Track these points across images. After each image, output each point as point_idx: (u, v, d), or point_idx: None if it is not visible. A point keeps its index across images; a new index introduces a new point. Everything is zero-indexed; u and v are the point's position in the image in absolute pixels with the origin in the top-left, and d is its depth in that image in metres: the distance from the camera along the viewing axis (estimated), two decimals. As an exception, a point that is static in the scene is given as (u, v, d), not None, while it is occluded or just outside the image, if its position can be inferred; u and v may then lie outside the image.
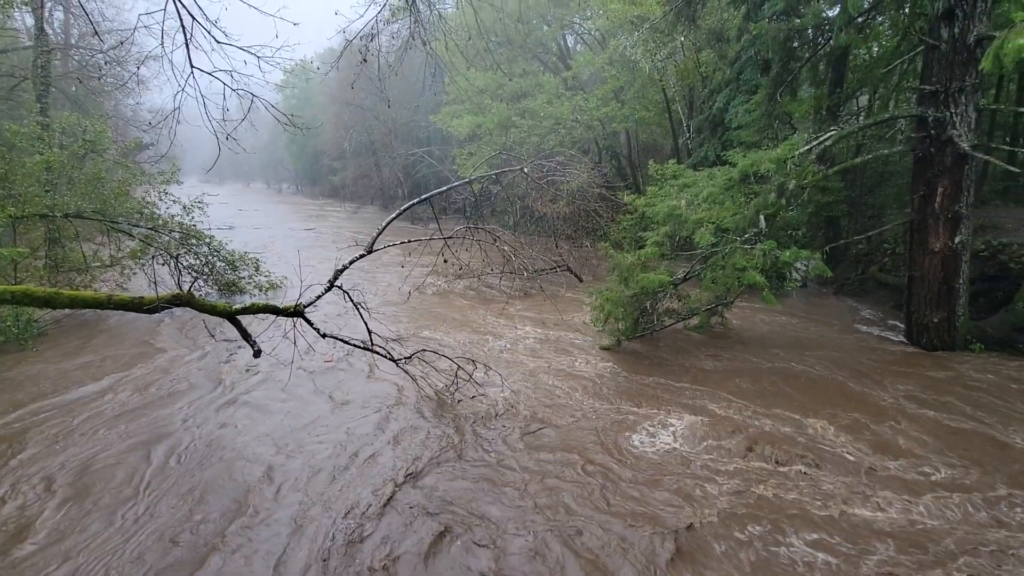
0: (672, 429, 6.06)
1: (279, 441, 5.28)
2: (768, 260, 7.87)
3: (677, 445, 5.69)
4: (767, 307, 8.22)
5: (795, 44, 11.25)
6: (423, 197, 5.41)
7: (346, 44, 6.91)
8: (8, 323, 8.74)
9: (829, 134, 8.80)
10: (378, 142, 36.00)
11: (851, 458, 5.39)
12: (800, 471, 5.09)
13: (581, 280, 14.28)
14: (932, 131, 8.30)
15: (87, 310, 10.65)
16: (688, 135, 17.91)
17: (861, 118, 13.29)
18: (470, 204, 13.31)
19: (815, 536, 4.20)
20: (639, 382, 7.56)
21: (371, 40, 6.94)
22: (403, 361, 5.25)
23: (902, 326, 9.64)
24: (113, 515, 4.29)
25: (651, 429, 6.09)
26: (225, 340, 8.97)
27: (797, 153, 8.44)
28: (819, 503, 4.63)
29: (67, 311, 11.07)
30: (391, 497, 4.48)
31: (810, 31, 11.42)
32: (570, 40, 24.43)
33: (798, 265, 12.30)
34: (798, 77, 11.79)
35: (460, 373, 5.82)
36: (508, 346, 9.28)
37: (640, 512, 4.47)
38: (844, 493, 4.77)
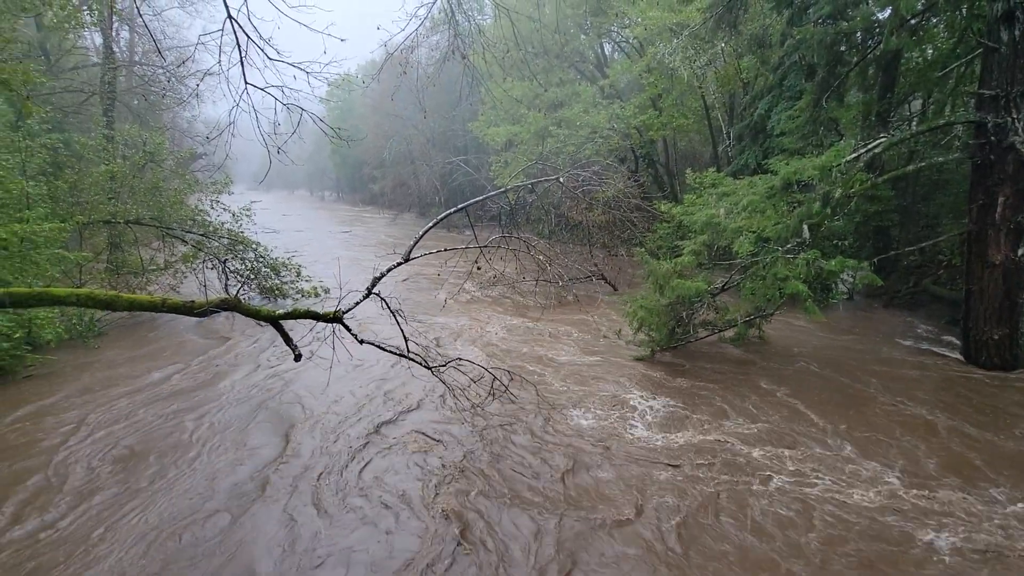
0: (705, 448, 5.91)
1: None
2: (812, 270, 7.61)
3: (711, 474, 5.55)
4: (810, 319, 7.93)
5: (842, 48, 10.89)
6: (459, 207, 5.50)
7: (387, 57, 7.14)
8: (74, 322, 9.35)
9: (879, 141, 8.47)
10: (416, 151, 36.76)
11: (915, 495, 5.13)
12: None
13: (616, 289, 14.15)
14: (992, 137, 7.87)
15: (143, 312, 11.28)
16: (728, 142, 17.54)
17: (914, 124, 12.70)
18: (505, 213, 13.43)
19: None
20: (673, 397, 7.42)
21: (411, 52, 7.15)
22: (438, 369, 5.33)
23: (958, 343, 9.12)
24: (170, 463, 5.55)
25: (679, 441, 5.96)
26: (256, 338, 9.37)
27: (844, 161, 8.16)
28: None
29: (125, 313, 11.75)
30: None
31: (859, 34, 11.04)
32: (607, 48, 24.38)
33: (844, 276, 11.85)
34: (845, 82, 11.40)
35: (495, 384, 5.86)
36: (542, 355, 9.27)
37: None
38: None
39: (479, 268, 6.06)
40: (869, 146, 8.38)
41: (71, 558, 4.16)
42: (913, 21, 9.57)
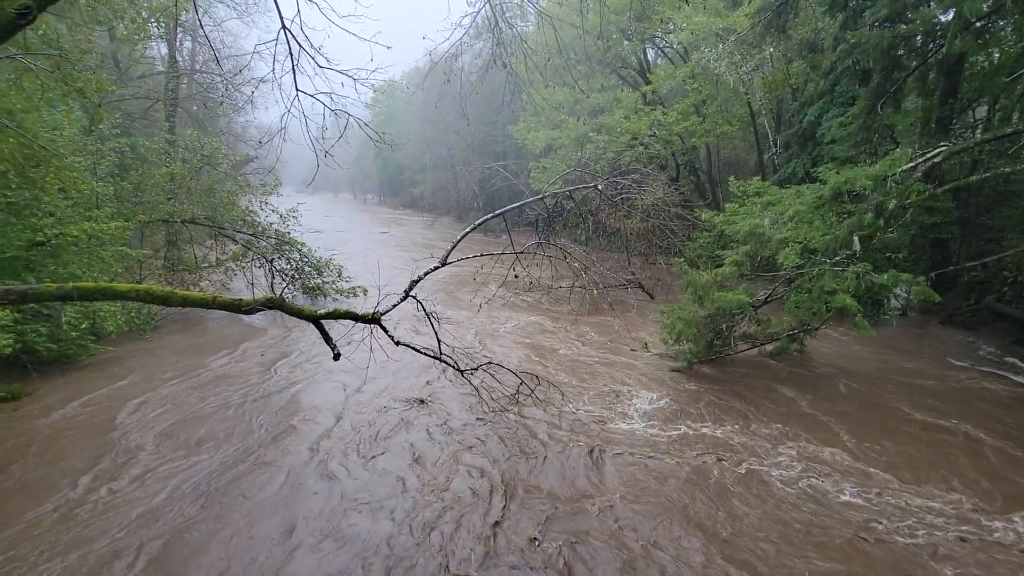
0: (743, 466, 5.73)
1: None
2: (862, 284, 7.28)
3: (748, 505, 5.38)
4: (858, 335, 7.58)
5: (900, 52, 10.41)
6: (496, 213, 5.55)
7: (431, 66, 7.30)
8: (133, 315, 9.94)
9: (939, 149, 8.03)
10: (456, 156, 37.27)
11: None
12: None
13: (653, 298, 13.92)
14: (1067, 147, 7.33)
15: (195, 309, 11.98)
16: (774, 150, 17.01)
17: (978, 132, 11.96)
18: (542, 219, 13.43)
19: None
20: (708, 410, 7.23)
21: (455, 61, 7.28)
22: (468, 372, 5.38)
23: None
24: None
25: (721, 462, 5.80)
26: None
27: (900, 170, 7.78)
28: None
29: (179, 308, 12.49)
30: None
31: (918, 38, 10.52)
32: (650, 54, 24.09)
33: (898, 291, 11.24)
34: (903, 87, 10.88)
35: (523, 388, 5.87)
36: (574, 362, 9.22)
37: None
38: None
39: (516, 276, 6.09)
40: (928, 155, 7.96)
41: (139, 514, 4.93)
42: (978, 24, 9.06)
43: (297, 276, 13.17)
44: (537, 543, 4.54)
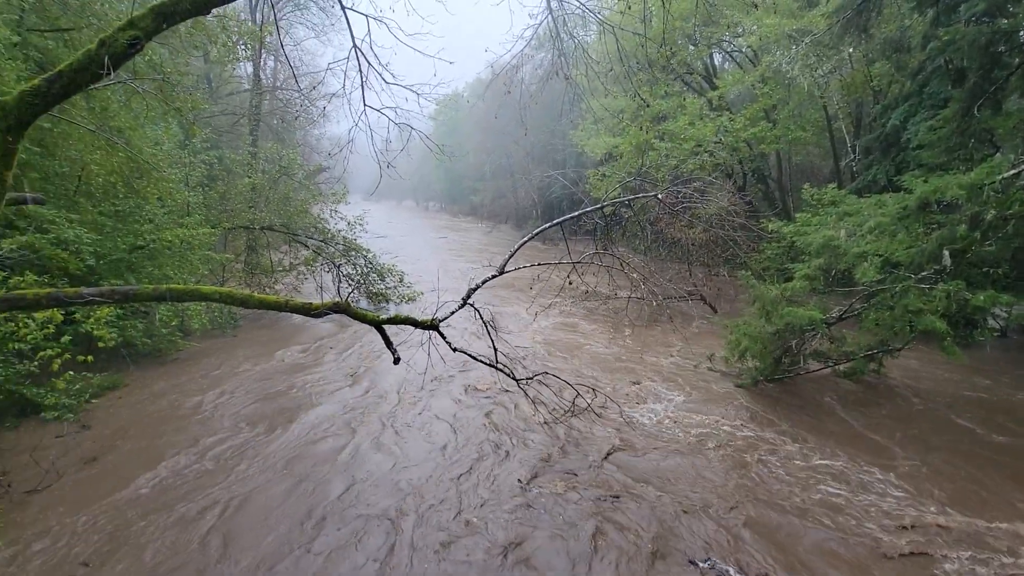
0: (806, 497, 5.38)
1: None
2: (953, 303, 6.65)
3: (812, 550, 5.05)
4: (948, 360, 6.92)
5: (1000, 49, 9.47)
6: (554, 222, 5.56)
7: (493, 78, 7.45)
8: (216, 315, 10.77)
9: (1047, 155, 7.23)
10: (516, 165, 37.65)
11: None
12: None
13: (715, 311, 13.38)
14: None
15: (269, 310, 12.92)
16: (852, 156, 15.93)
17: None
18: (600, 227, 13.27)
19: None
20: (773, 433, 6.85)
21: (516, 72, 7.39)
22: (524, 382, 5.40)
23: None
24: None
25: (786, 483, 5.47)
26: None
27: (1000, 177, 7.05)
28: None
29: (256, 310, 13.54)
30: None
31: (1021, 34, 9.54)
32: (717, 59, 23.32)
33: (996, 311, 10.15)
34: (1004, 87, 9.88)
35: (578, 400, 5.82)
36: (631, 375, 9.03)
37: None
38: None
39: (571, 283, 6.07)
40: (1034, 161, 7.18)
41: (224, 481, 5.76)
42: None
43: (362, 281, 13.77)
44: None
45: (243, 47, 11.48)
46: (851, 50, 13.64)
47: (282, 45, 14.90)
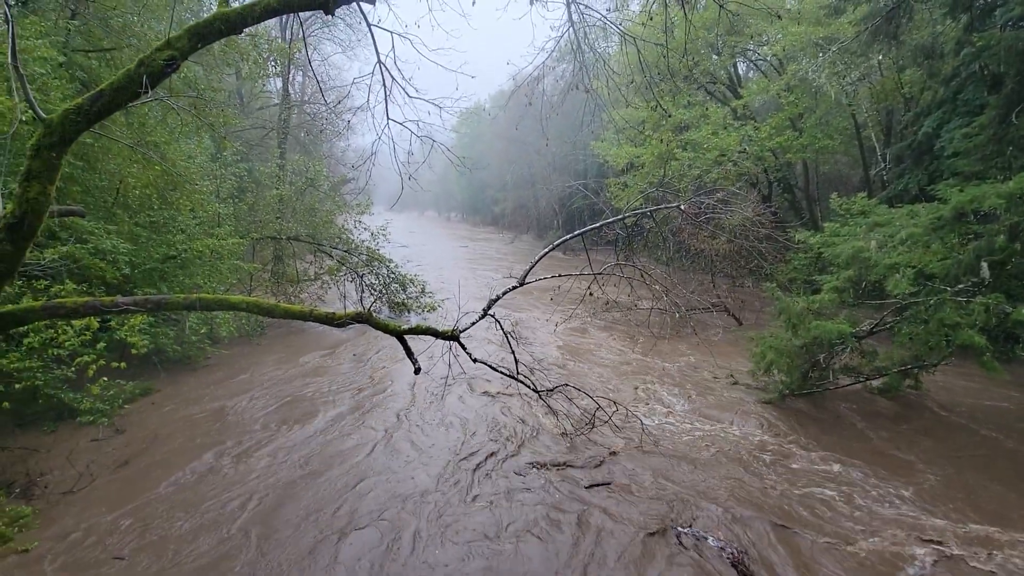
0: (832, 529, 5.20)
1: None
2: (992, 317, 6.39)
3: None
4: (988, 375, 6.64)
5: (1040, 54, 9.16)
6: (575, 234, 5.56)
7: (514, 89, 7.52)
8: (244, 323, 11.03)
9: (1092, 163, 6.93)
10: (537, 175, 37.78)
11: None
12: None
13: (740, 323, 13.13)
14: None
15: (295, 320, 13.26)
16: (883, 165, 15.54)
17: None
18: (622, 238, 13.20)
19: None
20: (801, 453, 6.65)
21: (537, 84, 7.45)
22: (545, 393, 5.38)
23: None
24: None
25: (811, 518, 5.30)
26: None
27: (1040, 187, 6.77)
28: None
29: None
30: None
31: (1064, 37, 9.20)
32: (741, 67, 23.07)
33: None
34: (1045, 93, 9.53)
35: (599, 413, 5.77)
36: (653, 388, 8.90)
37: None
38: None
39: (591, 295, 6.04)
40: (1078, 169, 6.89)
41: (252, 474, 6.07)
42: None
43: (384, 291, 13.93)
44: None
45: (273, 63, 11.85)
46: (880, 57, 13.35)
47: (309, 61, 15.33)
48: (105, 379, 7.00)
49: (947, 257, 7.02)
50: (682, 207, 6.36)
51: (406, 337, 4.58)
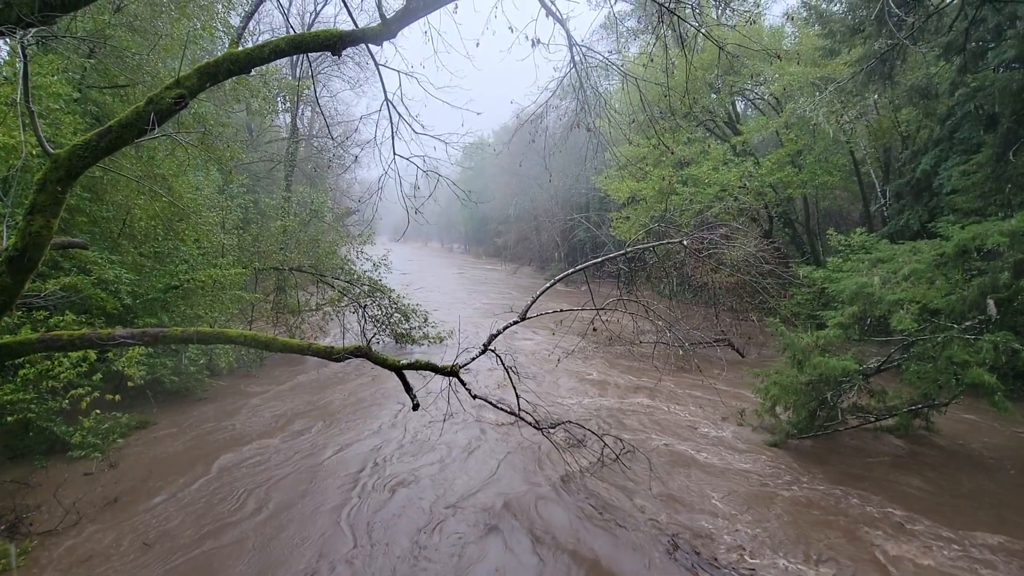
0: None
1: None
2: (1001, 355, 6.28)
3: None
4: (1001, 414, 6.48)
5: (1035, 95, 9.34)
6: (577, 268, 5.55)
7: (517, 127, 7.66)
8: (242, 353, 10.94)
9: (1093, 201, 6.95)
10: (539, 207, 38.21)
11: None
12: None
13: (743, 356, 12.97)
14: None
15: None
16: (883, 201, 15.67)
17: None
18: (624, 272, 13.22)
19: None
20: (813, 500, 6.44)
21: (539, 121, 7.59)
22: (548, 430, 5.26)
23: None
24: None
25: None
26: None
27: (1043, 224, 6.77)
28: None
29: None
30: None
31: (1057, 79, 9.40)
32: (740, 105, 23.59)
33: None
34: (1041, 133, 9.67)
35: (605, 451, 5.62)
36: (656, 425, 8.72)
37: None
38: None
39: (595, 330, 5.98)
40: (1079, 208, 6.91)
41: (258, 487, 6.44)
42: None
43: (386, 322, 13.87)
44: None
45: (282, 100, 12.14)
46: (876, 96, 13.62)
47: (317, 99, 15.71)
48: (98, 412, 6.89)
49: (951, 293, 6.97)
50: (685, 242, 6.36)
51: (405, 372, 4.51)
